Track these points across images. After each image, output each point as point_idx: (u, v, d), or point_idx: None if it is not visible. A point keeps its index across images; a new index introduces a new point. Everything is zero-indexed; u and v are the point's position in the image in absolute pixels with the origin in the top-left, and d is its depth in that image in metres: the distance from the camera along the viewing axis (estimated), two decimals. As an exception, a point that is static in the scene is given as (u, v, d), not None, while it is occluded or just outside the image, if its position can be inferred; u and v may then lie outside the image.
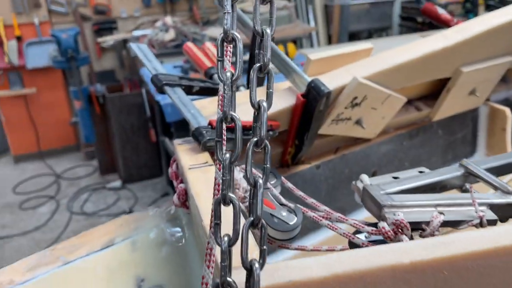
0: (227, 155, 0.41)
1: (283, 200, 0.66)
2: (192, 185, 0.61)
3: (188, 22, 4.25)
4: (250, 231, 0.41)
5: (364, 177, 0.67)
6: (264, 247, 0.39)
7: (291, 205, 0.65)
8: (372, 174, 1.08)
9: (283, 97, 0.82)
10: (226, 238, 0.39)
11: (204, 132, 0.69)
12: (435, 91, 1.16)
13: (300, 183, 0.92)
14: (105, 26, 4.62)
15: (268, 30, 0.44)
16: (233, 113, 0.42)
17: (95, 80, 4.71)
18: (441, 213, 0.57)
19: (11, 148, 4.58)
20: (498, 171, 0.67)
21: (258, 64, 0.44)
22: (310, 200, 0.67)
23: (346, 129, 0.95)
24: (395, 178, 0.68)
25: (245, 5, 4.17)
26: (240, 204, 0.58)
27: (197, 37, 4.00)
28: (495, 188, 0.62)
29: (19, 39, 4.28)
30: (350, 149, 1.01)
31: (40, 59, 4.13)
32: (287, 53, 3.09)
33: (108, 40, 4.48)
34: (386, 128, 1.10)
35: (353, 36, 5.07)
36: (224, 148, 0.42)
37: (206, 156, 0.69)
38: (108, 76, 4.77)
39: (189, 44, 1.01)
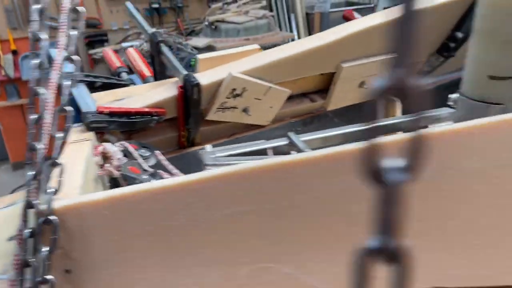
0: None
1: (146, 167, 0.85)
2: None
3: (173, 33, 4.48)
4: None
5: (208, 146, 0.87)
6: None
7: (151, 170, 0.85)
8: (266, 155, 1.27)
9: (169, 88, 1.02)
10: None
11: (90, 115, 0.89)
12: (328, 85, 1.35)
13: (194, 161, 1.12)
14: (97, 38, 4.89)
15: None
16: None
17: (88, 90, 4.94)
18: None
19: (9, 156, 4.83)
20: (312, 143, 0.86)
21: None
22: (170, 167, 0.87)
23: (234, 116, 1.15)
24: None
25: (225, 16, 4.39)
26: (116, 171, 0.77)
27: (180, 46, 4.23)
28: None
29: (14, 53, 4.56)
30: (244, 133, 1.21)
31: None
32: (257, 59, 3.28)
33: (99, 51, 4.73)
34: (282, 117, 1.30)
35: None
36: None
37: (90, 135, 0.89)
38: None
39: (106, 49, 1.22)
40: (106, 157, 0.86)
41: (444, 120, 0.99)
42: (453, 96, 0.93)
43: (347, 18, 1.65)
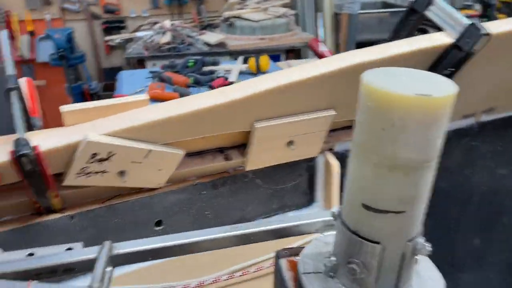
0: None
1: None
2: None
3: (188, 26, 4.30)
4: None
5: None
6: None
7: None
8: (156, 224, 1.07)
9: (6, 150, 0.83)
10: None
11: None
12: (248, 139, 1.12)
13: (47, 233, 0.94)
14: (114, 25, 4.80)
15: None
16: None
17: (102, 76, 4.91)
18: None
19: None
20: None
21: None
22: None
23: (106, 180, 0.95)
24: (30, 254, 0.68)
25: (242, 12, 4.17)
26: None
27: (192, 41, 4.05)
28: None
29: (31, 34, 4.55)
30: (124, 198, 1.01)
31: (48, 54, 4.36)
32: (258, 65, 3.06)
33: (115, 39, 4.64)
34: (186, 176, 1.08)
35: (362, 46, 4.90)
36: None
37: None
38: (116, 73, 4.96)
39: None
40: None
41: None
42: (336, 209, 0.69)
43: (311, 48, 1.38)
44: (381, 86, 0.49)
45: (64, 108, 0.92)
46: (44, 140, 0.84)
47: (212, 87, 2.73)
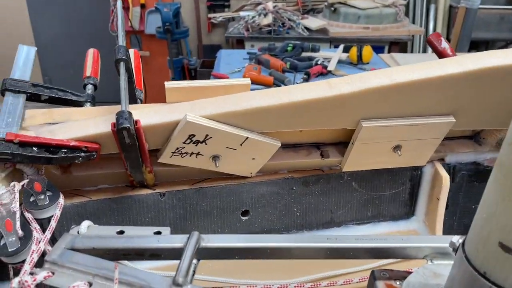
0: None
1: (18, 226, 0.70)
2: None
3: (289, 9, 4.22)
4: None
5: (85, 223, 0.67)
6: None
7: (20, 232, 0.69)
8: (242, 213, 1.03)
9: (108, 121, 0.83)
10: None
11: (-5, 143, 0.76)
12: (349, 138, 1.03)
13: (137, 207, 0.94)
14: (218, 2, 4.86)
15: None
16: None
17: (201, 53, 5.04)
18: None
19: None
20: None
21: None
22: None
23: (199, 162, 0.92)
24: (120, 232, 0.66)
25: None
26: None
27: (293, 25, 3.98)
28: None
29: (142, 6, 4.77)
30: (213, 182, 0.98)
31: (155, 26, 4.56)
32: (360, 56, 2.90)
33: (217, 16, 4.71)
34: (277, 169, 1.03)
35: (477, 45, 4.46)
36: None
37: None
38: (215, 50, 5.06)
39: (91, 50, 1.07)
40: (-9, 198, 0.72)
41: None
42: (456, 239, 0.59)
43: (430, 43, 1.23)
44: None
45: (168, 85, 0.90)
46: (145, 115, 0.83)
47: (309, 74, 2.64)
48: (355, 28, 3.84)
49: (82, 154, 0.82)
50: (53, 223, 0.73)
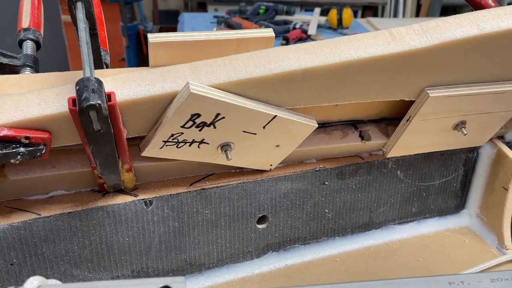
0: None
1: None
2: None
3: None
4: None
5: (31, 282, 0.37)
6: None
7: None
8: (259, 221, 0.75)
9: (63, 94, 0.52)
10: None
11: None
12: (395, 113, 0.77)
13: (112, 222, 0.64)
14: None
15: None
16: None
17: (157, 19, 4.59)
18: None
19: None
20: None
21: None
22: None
23: (203, 155, 0.63)
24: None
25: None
26: None
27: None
28: None
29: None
30: (218, 181, 0.69)
31: (103, -11, 4.06)
32: (340, 19, 2.64)
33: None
34: (303, 158, 0.75)
35: (448, 10, 4.32)
36: None
37: None
38: (172, 16, 4.62)
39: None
40: None
41: None
42: None
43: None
44: None
45: (153, 38, 0.59)
46: (122, 86, 0.53)
47: (287, 39, 2.35)
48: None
49: (22, 149, 0.50)
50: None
